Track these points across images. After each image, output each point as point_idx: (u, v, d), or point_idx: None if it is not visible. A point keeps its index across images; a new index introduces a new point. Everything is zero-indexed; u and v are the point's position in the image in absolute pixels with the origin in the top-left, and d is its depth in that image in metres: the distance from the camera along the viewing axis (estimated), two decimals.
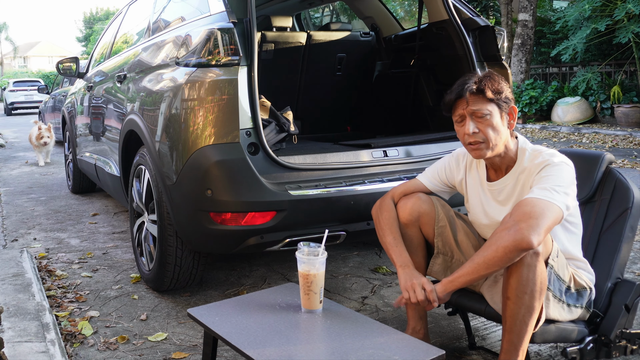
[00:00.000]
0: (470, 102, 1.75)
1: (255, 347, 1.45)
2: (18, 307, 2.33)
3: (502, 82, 1.78)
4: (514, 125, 1.80)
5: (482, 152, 1.77)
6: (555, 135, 9.23)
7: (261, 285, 2.82)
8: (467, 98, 1.75)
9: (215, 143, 2.20)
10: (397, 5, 17.48)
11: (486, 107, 1.74)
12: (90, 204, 4.91)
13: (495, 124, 1.74)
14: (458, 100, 1.78)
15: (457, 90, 1.78)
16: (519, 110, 10.62)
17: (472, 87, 1.75)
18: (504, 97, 1.75)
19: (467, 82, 1.77)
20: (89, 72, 4.65)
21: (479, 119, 1.74)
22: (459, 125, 1.81)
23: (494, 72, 1.82)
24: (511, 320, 1.60)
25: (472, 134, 1.75)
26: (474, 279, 1.62)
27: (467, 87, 1.75)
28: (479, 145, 1.76)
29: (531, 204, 1.57)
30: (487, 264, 1.57)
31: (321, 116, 3.75)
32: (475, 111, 1.74)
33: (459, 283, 1.64)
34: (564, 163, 1.69)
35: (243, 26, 2.29)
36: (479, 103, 1.74)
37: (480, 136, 1.75)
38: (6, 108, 21.84)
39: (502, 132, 1.76)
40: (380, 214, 1.97)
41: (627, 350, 1.84)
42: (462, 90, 1.76)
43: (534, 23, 10.96)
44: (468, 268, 1.62)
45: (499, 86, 1.76)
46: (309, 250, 1.67)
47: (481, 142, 1.75)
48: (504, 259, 1.54)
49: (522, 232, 1.52)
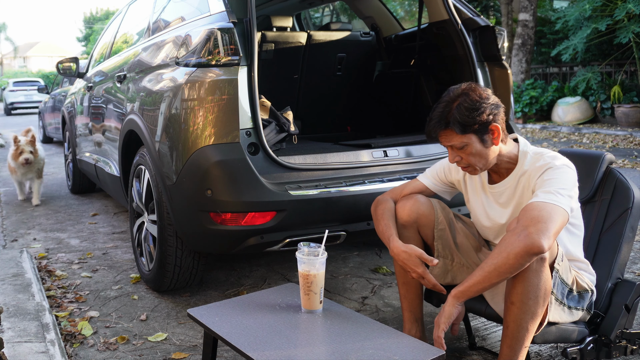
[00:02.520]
0: (443, 139, 1.75)
1: (255, 348, 1.45)
2: (18, 307, 2.33)
3: (478, 103, 1.68)
4: (499, 140, 1.73)
5: (474, 172, 1.80)
6: (555, 135, 9.22)
7: (261, 285, 2.82)
8: (438, 138, 1.76)
9: (215, 143, 2.20)
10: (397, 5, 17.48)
11: (461, 139, 1.71)
12: (90, 204, 4.91)
13: (476, 151, 1.72)
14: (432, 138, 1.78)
15: (427, 130, 1.77)
16: (519, 110, 10.62)
17: (438, 128, 1.73)
18: (479, 125, 1.68)
19: (432, 120, 1.74)
20: (88, 72, 4.65)
21: (459, 150, 1.74)
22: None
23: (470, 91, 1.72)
24: (514, 325, 1.59)
25: (455, 162, 1.77)
26: (486, 288, 1.60)
27: (433, 129, 1.74)
28: (467, 168, 1.79)
29: (538, 208, 1.55)
30: (499, 271, 1.55)
31: (321, 116, 3.75)
32: (451, 145, 1.75)
33: (472, 293, 1.62)
34: (565, 166, 1.68)
35: (243, 26, 2.29)
36: (452, 138, 1.73)
37: (464, 163, 1.77)
38: (6, 108, 21.84)
39: (485, 153, 1.74)
40: (377, 207, 1.97)
41: (627, 350, 1.83)
42: (428, 131, 1.76)
43: (534, 23, 10.96)
44: (479, 277, 1.59)
45: (467, 117, 1.68)
46: (309, 250, 1.67)
47: (468, 167, 1.78)
48: (515, 265, 1.53)
49: (532, 237, 1.50)
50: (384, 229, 1.88)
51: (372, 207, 2.01)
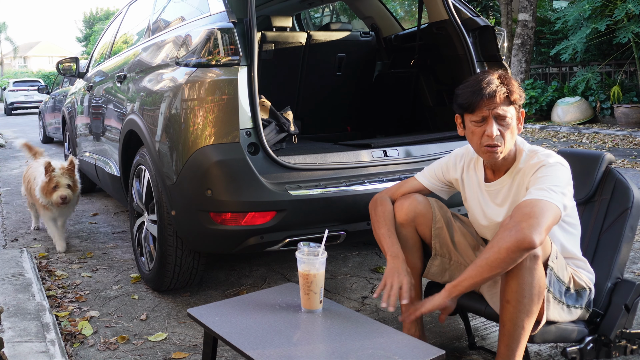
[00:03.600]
0: (497, 104, 1.70)
1: (255, 347, 1.45)
2: (18, 307, 2.33)
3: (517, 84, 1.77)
4: (522, 129, 1.78)
5: (496, 155, 1.74)
6: (555, 135, 9.22)
7: (261, 285, 2.82)
8: (496, 100, 1.70)
9: (215, 143, 2.20)
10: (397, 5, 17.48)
11: (510, 110, 1.72)
12: (90, 204, 4.91)
13: (513, 127, 1.73)
14: (485, 101, 1.71)
15: (488, 90, 1.70)
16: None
17: (503, 89, 1.71)
18: (520, 102, 1.75)
19: (493, 82, 1.71)
20: (89, 72, 4.65)
21: (502, 121, 1.72)
22: (477, 125, 1.74)
23: (507, 73, 1.79)
24: (510, 323, 1.60)
25: (495, 136, 1.71)
26: (478, 283, 1.61)
27: (497, 89, 1.70)
28: (496, 148, 1.72)
29: (530, 205, 1.57)
30: (491, 266, 1.56)
31: (321, 116, 3.75)
32: (501, 114, 1.71)
33: (463, 287, 1.63)
34: (559, 164, 1.69)
35: (243, 26, 2.29)
36: (504, 106, 1.71)
37: (500, 139, 1.72)
38: (6, 108, 21.84)
39: (515, 135, 1.76)
40: (375, 208, 1.97)
41: (627, 350, 1.84)
42: (493, 91, 1.70)
43: (534, 23, 10.95)
44: (471, 272, 1.61)
45: (518, 90, 1.74)
46: (309, 250, 1.67)
47: (499, 145, 1.72)
48: (507, 260, 1.54)
49: (523, 232, 1.51)
50: (383, 238, 1.89)
51: (371, 206, 2.00)
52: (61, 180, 3.31)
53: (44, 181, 3.30)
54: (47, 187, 3.30)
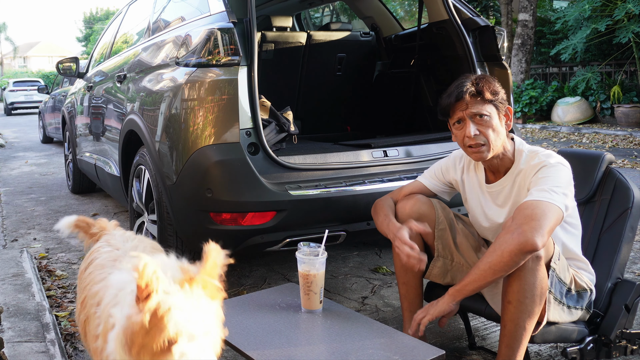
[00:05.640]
0: (469, 104, 1.75)
1: (255, 347, 1.45)
2: (18, 307, 2.33)
3: (497, 84, 1.79)
4: (511, 126, 1.80)
5: (482, 155, 1.76)
6: (555, 135, 9.23)
7: (261, 285, 2.82)
8: (466, 100, 1.75)
9: (215, 143, 2.20)
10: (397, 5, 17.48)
11: (485, 108, 1.74)
12: (90, 204, 4.91)
13: (495, 125, 1.74)
14: (457, 103, 1.77)
15: (456, 93, 1.77)
16: (518, 110, 10.62)
17: (471, 89, 1.74)
18: (501, 98, 1.76)
19: (464, 84, 1.76)
20: (89, 72, 4.65)
21: (480, 120, 1.74)
22: (458, 128, 1.80)
23: (487, 75, 1.83)
24: (511, 324, 1.60)
25: (474, 136, 1.74)
26: (482, 286, 1.62)
27: (466, 90, 1.75)
28: (480, 147, 1.75)
29: (532, 207, 1.57)
30: (494, 269, 1.56)
31: (321, 116, 3.75)
32: (475, 113, 1.74)
33: (467, 291, 1.64)
34: (560, 164, 1.69)
35: (243, 26, 2.29)
36: (478, 105, 1.74)
37: (482, 138, 1.74)
38: (6, 108, 21.85)
39: (501, 133, 1.76)
40: (376, 205, 2.00)
41: (627, 350, 1.83)
42: (460, 92, 1.75)
43: (534, 23, 10.96)
44: (474, 275, 1.61)
45: (495, 87, 1.76)
46: (309, 250, 1.67)
47: (482, 144, 1.74)
48: (509, 263, 1.54)
49: (525, 235, 1.51)
50: (383, 219, 1.90)
51: (373, 207, 2.02)
52: (183, 327, 1.07)
53: (135, 323, 1.06)
54: (149, 340, 1.05)
